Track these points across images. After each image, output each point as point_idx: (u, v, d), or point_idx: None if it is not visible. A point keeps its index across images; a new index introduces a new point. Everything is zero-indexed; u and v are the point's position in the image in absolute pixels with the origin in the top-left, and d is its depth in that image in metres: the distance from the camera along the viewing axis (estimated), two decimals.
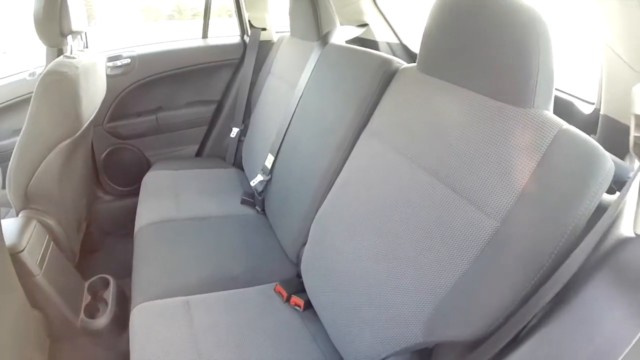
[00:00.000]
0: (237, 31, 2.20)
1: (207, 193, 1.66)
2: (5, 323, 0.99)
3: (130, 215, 1.62)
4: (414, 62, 1.02)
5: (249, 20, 2.12)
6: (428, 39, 0.91)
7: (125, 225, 1.83)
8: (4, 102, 1.79)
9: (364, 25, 1.86)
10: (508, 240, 0.67)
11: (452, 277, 0.74)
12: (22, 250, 1.16)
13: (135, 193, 1.75)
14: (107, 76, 1.69)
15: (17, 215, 1.31)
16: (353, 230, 0.99)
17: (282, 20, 2.11)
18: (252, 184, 1.53)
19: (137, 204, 1.64)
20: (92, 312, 1.42)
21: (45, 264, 1.24)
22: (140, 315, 1.07)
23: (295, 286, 1.18)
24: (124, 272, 1.45)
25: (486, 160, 0.75)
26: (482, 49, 0.77)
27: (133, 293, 1.17)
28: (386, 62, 1.10)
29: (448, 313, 0.74)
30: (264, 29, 2.08)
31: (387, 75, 1.08)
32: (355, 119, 1.12)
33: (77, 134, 1.30)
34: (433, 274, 0.77)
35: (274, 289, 1.19)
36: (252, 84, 1.99)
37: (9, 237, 1.16)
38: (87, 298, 1.44)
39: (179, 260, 1.28)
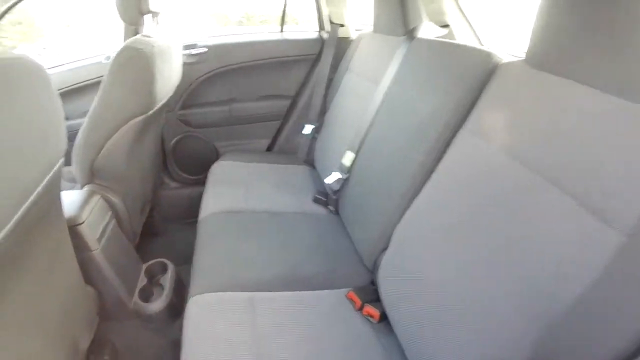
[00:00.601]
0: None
1: (277, 188, 1.57)
2: (56, 295, 0.93)
3: (194, 204, 1.57)
4: None
5: (329, 16, 2.02)
6: (540, 29, 0.78)
7: (188, 213, 1.81)
8: (78, 84, 1.79)
9: (446, 26, 1.72)
10: (636, 258, 0.54)
11: (564, 301, 0.60)
12: (82, 223, 1.10)
13: (202, 182, 1.70)
14: (183, 64, 1.65)
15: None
16: (444, 238, 0.86)
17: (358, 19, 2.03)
18: (327, 181, 1.41)
19: (202, 194, 1.57)
20: (146, 296, 1.35)
21: (104, 240, 1.18)
22: (197, 306, 0.98)
23: (369, 294, 1.05)
24: (183, 260, 1.39)
25: (612, 165, 0.61)
26: (609, 42, 0.64)
27: (192, 282, 1.09)
28: (487, 56, 0.96)
29: (556, 342, 0.60)
30: (342, 25, 1.98)
31: (488, 70, 0.94)
32: (452, 117, 0.99)
33: (150, 113, 1.25)
34: (540, 296, 0.63)
35: (346, 295, 1.06)
36: (329, 81, 1.89)
37: (70, 209, 1.10)
38: (143, 281, 1.38)
39: (245, 253, 1.18)
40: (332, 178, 1.38)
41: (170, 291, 1.37)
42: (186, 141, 1.97)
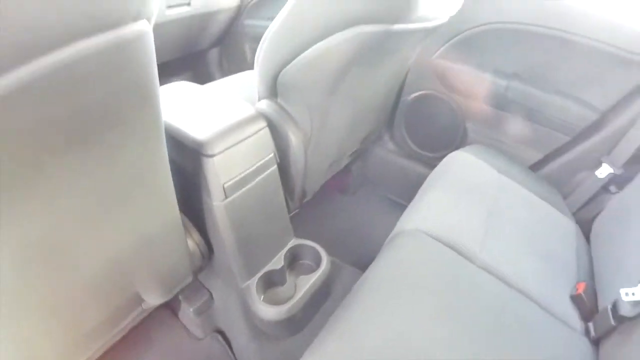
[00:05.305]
0: None
1: (529, 241, 0.92)
2: (118, 235, 0.62)
3: (408, 184, 1.19)
4: None
5: None
6: None
7: (393, 188, 1.49)
8: None
9: None
10: None
11: None
12: (213, 156, 0.72)
13: (428, 165, 1.27)
14: None
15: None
16: None
17: None
18: (622, 293, 0.70)
19: (421, 178, 1.09)
20: (270, 284, 0.96)
21: (242, 191, 0.79)
22: None
23: None
24: (352, 256, 1.08)
25: None
26: None
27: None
28: None
29: None
30: None
31: None
32: None
33: (394, 28, 0.74)
34: None
35: None
36: None
37: (204, 128, 0.75)
38: (278, 261, 0.96)
39: (423, 335, 0.64)
40: (632, 294, 0.68)
41: (304, 301, 0.92)
42: (430, 102, 1.41)
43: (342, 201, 1.53)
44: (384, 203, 1.54)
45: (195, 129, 0.74)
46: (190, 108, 0.82)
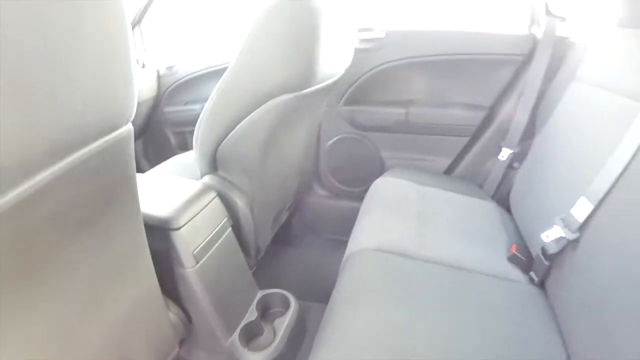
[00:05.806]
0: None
1: (459, 229, 1.10)
2: (113, 312, 0.68)
3: (342, 221, 1.36)
4: None
5: (546, 5, 1.35)
6: None
7: (333, 229, 1.65)
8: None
9: None
10: None
11: None
12: (179, 229, 0.83)
13: (357, 198, 1.39)
14: (355, 49, 1.28)
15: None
16: None
17: None
18: (544, 237, 0.88)
19: (355, 213, 1.22)
20: (251, 336, 1.04)
21: (207, 255, 0.90)
22: None
23: None
24: (313, 294, 1.18)
25: None
26: None
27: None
28: None
29: None
30: (563, 20, 1.33)
31: None
32: None
33: (304, 92, 0.92)
34: None
35: None
36: (541, 92, 1.31)
37: (167, 206, 0.86)
38: (252, 314, 1.05)
39: (400, 331, 0.76)
40: (552, 234, 0.86)
41: (285, 340, 1.02)
42: (346, 144, 1.62)
43: (291, 252, 1.65)
44: (328, 244, 1.67)
45: (158, 209, 0.84)
46: (143, 194, 0.92)
